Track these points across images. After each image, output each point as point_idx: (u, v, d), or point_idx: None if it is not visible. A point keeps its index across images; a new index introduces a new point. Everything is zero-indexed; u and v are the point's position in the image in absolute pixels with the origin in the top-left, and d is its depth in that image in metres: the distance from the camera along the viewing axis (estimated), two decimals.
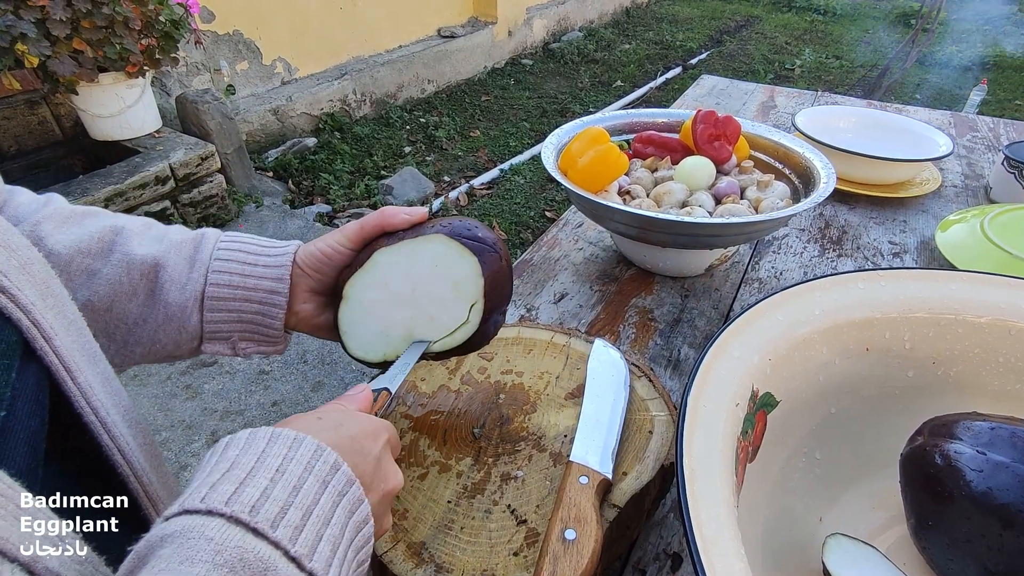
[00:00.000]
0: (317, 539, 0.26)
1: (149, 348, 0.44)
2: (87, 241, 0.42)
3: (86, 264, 0.41)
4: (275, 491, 0.26)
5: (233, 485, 0.26)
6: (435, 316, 0.44)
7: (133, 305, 0.42)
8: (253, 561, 0.23)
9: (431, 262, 0.43)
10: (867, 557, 0.43)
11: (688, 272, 0.79)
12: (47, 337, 0.31)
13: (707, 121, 0.80)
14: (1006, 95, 4.30)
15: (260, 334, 0.46)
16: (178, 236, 0.45)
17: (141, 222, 0.45)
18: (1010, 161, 0.95)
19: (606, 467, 0.43)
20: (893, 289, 0.53)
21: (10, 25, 1.69)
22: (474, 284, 0.43)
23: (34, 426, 0.30)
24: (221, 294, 0.43)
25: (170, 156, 2.18)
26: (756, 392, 0.46)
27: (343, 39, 3.53)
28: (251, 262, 0.44)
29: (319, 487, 0.28)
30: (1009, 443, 0.41)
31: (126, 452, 0.35)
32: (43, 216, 0.42)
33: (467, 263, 0.43)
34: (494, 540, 0.41)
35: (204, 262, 0.44)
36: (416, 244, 0.43)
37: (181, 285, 0.43)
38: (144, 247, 0.43)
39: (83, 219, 0.43)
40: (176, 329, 0.43)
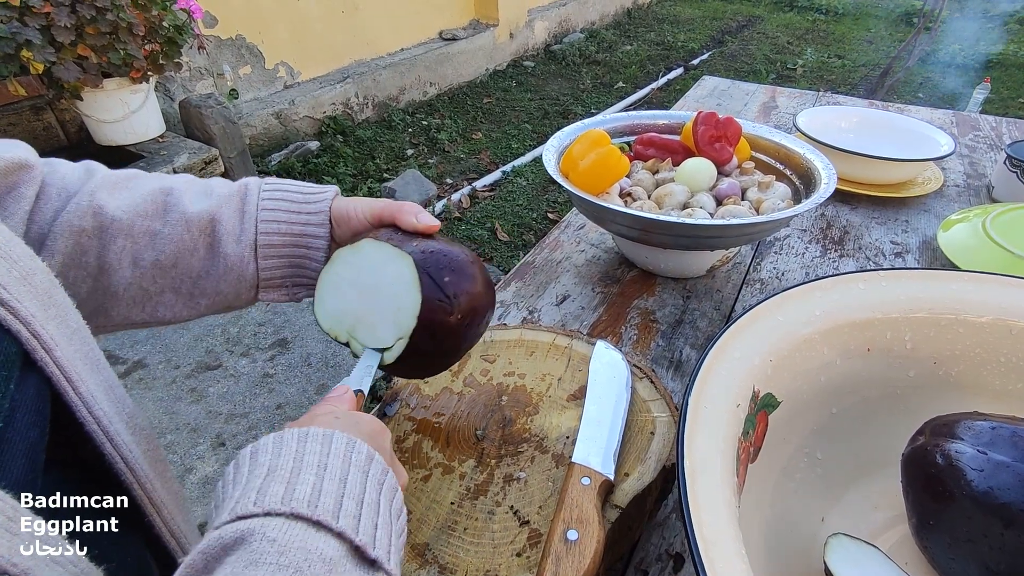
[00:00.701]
0: (374, 527, 0.26)
1: (213, 299, 0.46)
2: (143, 204, 0.44)
3: (147, 226, 0.43)
4: (325, 485, 0.26)
5: (283, 485, 0.25)
6: (374, 326, 0.43)
7: (195, 260, 0.44)
8: (316, 560, 0.23)
9: (394, 277, 0.42)
10: (869, 557, 0.44)
11: (690, 273, 0.80)
12: (47, 348, 0.31)
13: (708, 123, 0.80)
14: (1009, 93, 4.29)
15: (303, 275, 0.48)
16: (224, 189, 0.47)
17: (183, 179, 0.47)
18: (1012, 160, 0.95)
19: (608, 468, 0.44)
20: (894, 289, 0.53)
21: (15, 32, 1.71)
22: (408, 319, 0.41)
23: (33, 437, 0.30)
24: (271, 242, 0.46)
25: (174, 160, 2.19)
26: (757, 393, 0.46)
27: (345, 43, 3.54)
28: (295, 210, 0.47)
29: (362, 477, 0.28)
30: (1010, 442, 0.41)
31: (129, 460, 0.35)
32: (96, 185, 0.44)
33: (412, 297, 0.41)
34: (497, 541, 0.41)
35: (252, 213, 0.46)
36: (393, 253, 0.42)
37: (236, 237, 0.45)
38: (196, 203, 0.45)
39: (129, 182, 0.45)
40: (236, 279, 0.46)
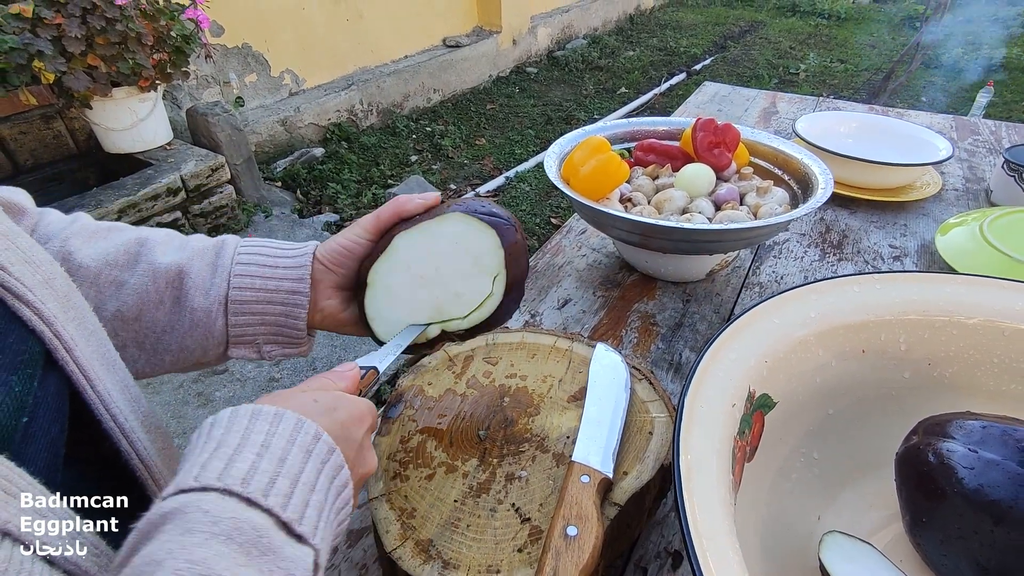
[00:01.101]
0: (304, 505, 0.28)
1: (178, 355, 0.45)
2: (114, 253, 0.43)
3: (114, 276, 0.43)
4: (262, 464, 0.28)
5: (223, 462, 0.27)
6: (460, 292, 0.46)
7: (160, 313, 0.44)
8: (247, 529, 0.25)
9: (451, 240, 0.45)
10: (863, 553, 0.44)
11: (689, 277, 0.81)
12: (68, 348, 0.33)
13: (706, 129, 0.81)
14: (1013, 97, 4.29)
15: (284, 336, 0.46)
16: (199, 244, 0.46)
17: (163, 233, 0.47)
18: (1010, 164, 0.95)
19: (607, 467, 0.45)
20: (888, 292, 0.54)
21: (27, 43, 1.74)
22: (495, 256, 0.45)
23: (54, 432, 0.31)
24: (244, 297, 0.45)
25: (181, 168, 2.22)
26: (753, 393, 0.47)
27: (349, 50, 3.58)
28: (271, 264, 0.46)
29: (303, 457, 0.29)
30: (1000, 441, 0.42)
31: (144, 456, 0.37)
32: (71, 232, 0.44)
33: (486, 237, 0.44)
34: (499, 537, 0.42)
35: (226, 267, 0.45)
36: (434, 224, 0.45)
37: (205, 291, 0.44)
38: (168, 256, 0.44)
39: (109, 233, 0.45)
40: (203, 335, 0.44)
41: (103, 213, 1.97)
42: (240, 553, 0.24)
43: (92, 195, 2.03)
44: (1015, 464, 0.40)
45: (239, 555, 0.24)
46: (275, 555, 0.25)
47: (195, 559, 0.23)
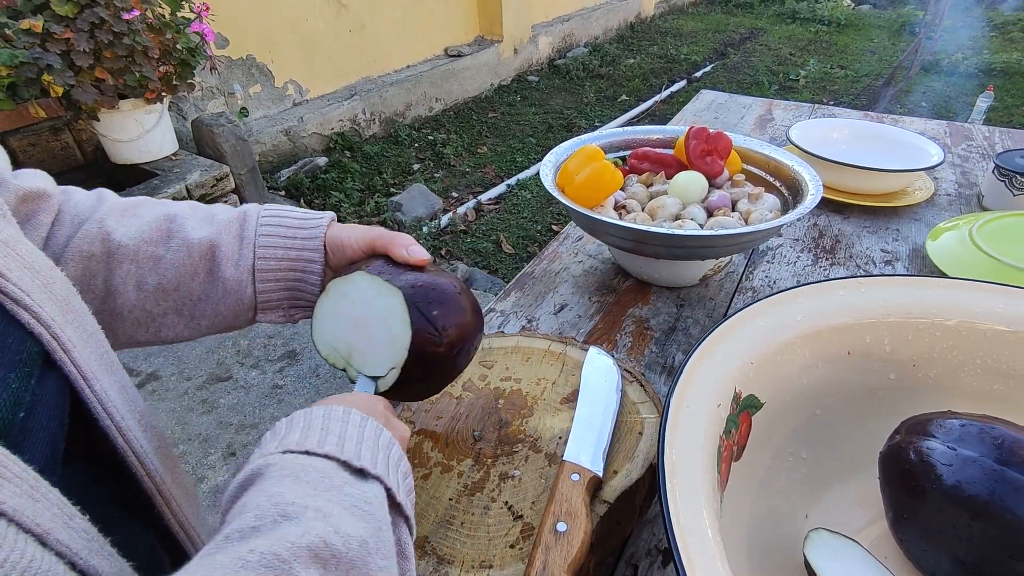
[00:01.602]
0: (358, 448, 0.33)
1: (213, 320, 0.49)
2: (148, 231, 0.47)
3: (151, 251, 0.46)
4: (329, 437, 0.33)
5: (297, 434, 0.33)
6: (369, 354, 0.45)
7: (196, 283, 0.47)
8: (312, 471, 0.30)
9: (386, 310, 0.44)
10: (848, 550, 0.46)
11: (683, 282, 0.82)
12: (66, 349, 0.35)
13: (699, 137, 0.83)
14: (1013, 101, 4.30)
15: (301, 299, 0.50)
16: (224, 216, 0.50)
17: (188, 206, 0.50)
18: (1000, 170, 0.97)
19: (597, 465, 0.46)
20: (872, 295, 0.55)
21: (37, 57, 1.78)
22: (400, 351, 0.43)
23: (52, 428, 0.33)
24: (268, 266, 0.48)
25: (186, 178, 2.25)
26: (739, 394, 0.49)
27: (352, 60, 3.62)
28: (291, 235, 0.49)
29: (359, 427, 0.35)
30: (978, 439, 0.43)
31: (140, 455, 0.38)
32: (104, 212, 0.47)
33: (403, 330, 0.43)
34: (492, 534, 0.44)
35: (251, 238, 0.48)
36: (384, 288, 0.44)
37: (235, 262, 0.47)
38: (198, 230, 0.48)
39: (136, 209, 0.48)
40: (235, 301, 0.48)
41: None
42: (308, 486, 0.28)
43: None
44: (991, 461, 0.41)
45: (307, 487, 0.28)
46: (339, 491, 0.29)
47: (271, 493, 0.27)
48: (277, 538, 0.25)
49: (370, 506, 0.30)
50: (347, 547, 0.26)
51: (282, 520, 0.26)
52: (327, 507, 0.27)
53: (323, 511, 0.27)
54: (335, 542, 0.26)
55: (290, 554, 0.24)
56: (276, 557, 0.24)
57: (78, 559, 0.28)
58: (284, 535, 0.25)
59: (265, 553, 0.24)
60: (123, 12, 1.91)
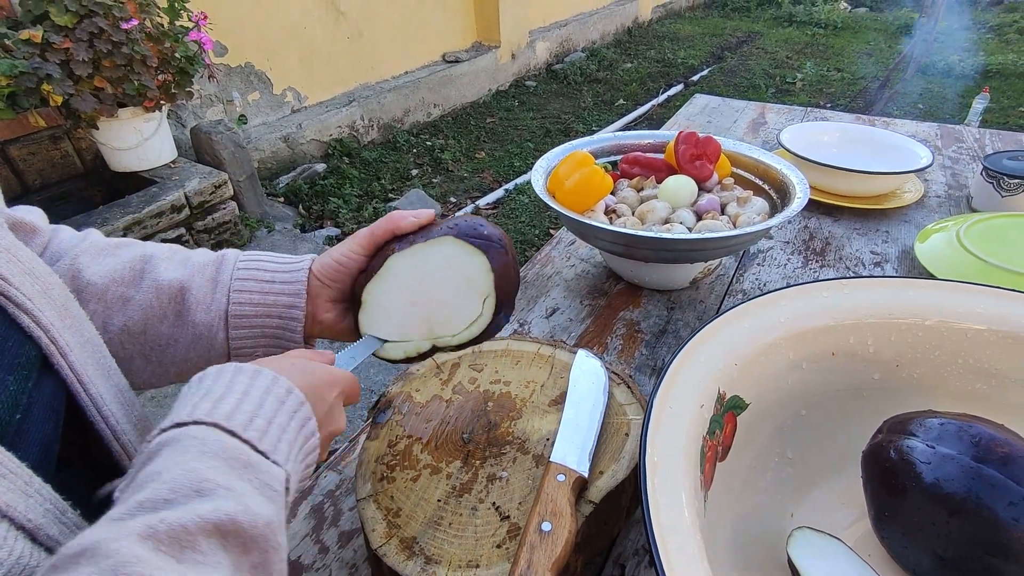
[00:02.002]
0: (277, 440, 0.33)
1: (182, 367, 0.47)
2: (120, 270, 0.46)
3: (120, 292, 0.45)
4: (243, 406, 0.33)
5: (211, 403, 0.32)
6: (451, 313, 0.48)
7: (164, 327, 0.46)
8: (231, 449, 0.30)
9: (443, 263, 0.47)
10: (830, 548, 0.46)
11: (673, 285, 0.83)
12: (63, 352, 0.36)
13: (688, 142, 0.84)
14: (1010, 102, 4.31)
15: (283, 348, 0.48)
16: (201, 259, 0.48)
17: (167, 248, 0.49)
18: (988, 171, 0.98)
19: (583, 466, 0.47)
20: (855, 297, 0.56)
21: (37, 67, 1.79)
22: (485, 279, 0.47)
23: (48, 430, 0.34)
24: (243, 312, 0.46)
25: (185, 185, 2.26)
26: (723, 395, 0.49)
27: (350, 67, 3.64)
28: (269, 279, 0.47)
29: (277, 405, 0.34)
30: (956, 437, 0.44)
31: (134, 457, 0.39)
32: (81, 249, 0.46)
33: (477, 261, 0.47)
34: (479, 534, 0.44)
35: (225, 283, 0.47)
36: (427, 247, 0.47)
37: (206, 306, 0.46)
38: (171, 272, 0.46)
39: (117, 250, 0.47)
40: (205, 347, 0.46)
41: (109, 231, 2.02)
42: (226, 465, 0.29)
43: (98, 213, 2.08)
44: (968, 459, 0.42)
45: (225, 466, 0.29)
46: (254, 468, 0.30)
47: (188, 468, 0.28)
48: (187, 511, 0.26)
49: (274, 491, 0.31)
50: (253, 525, 0.28)
51: (195, 496, 0.27)
52: (239, 487, 0.29)
53: (235, 491, 0.29)
54: (242, 520, 0.28)
55: (196, 528, 0.26)
56: (183, 529, 0.26)
57: None
58: (195, 509, 0.27)
59: (173, 524, 0.26)
60: (122, 22, 1.93)
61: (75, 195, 2.41)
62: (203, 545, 0.26)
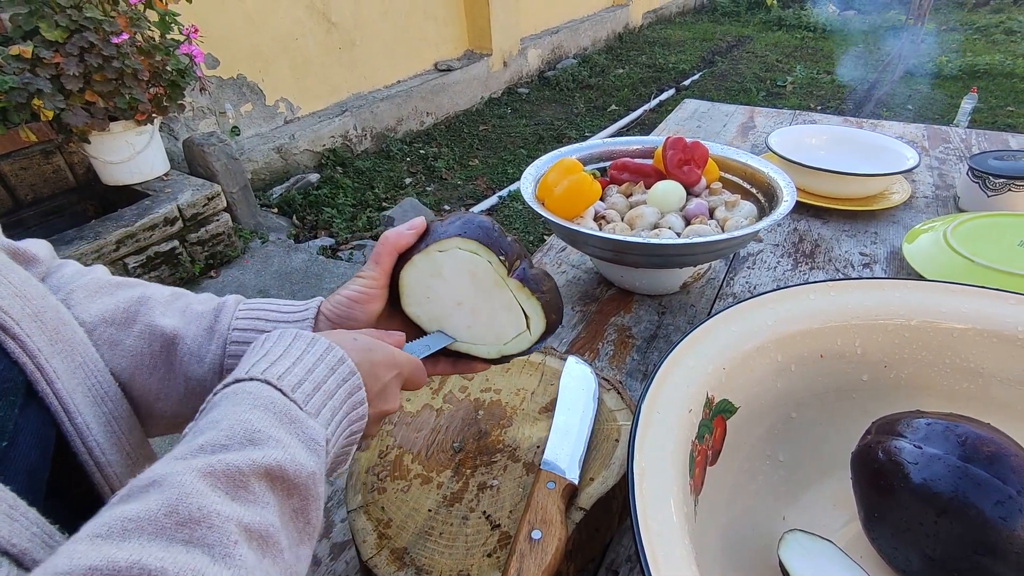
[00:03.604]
0: (321, 405, 0.35)
1: (172, 422, 0.44)
2: (112, 311, 0.42)
3: (109, 334, 0.42)
4: (295, 369, 0.35)
5: (267, 363, 0.34)
6: (494, 320, 0.47)
7: (154, 380, 0.42)
8: (279, 405, 0.32)
9: (466, 263, 0.46)
10: (821, 550, 0.46)
11: (664, 290, 0.83)
12: (49, 380, 0.35)
13: (676, 147, 0.85)
14: (997, 102, 4.35)
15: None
16: (199, 307, 0.44)
17: (169, 292, 0.46)
18: (974, 171, 0.99)
19: (572, 473, 0.47)
20: (842, 299, 0.57)
21: (27, 82, 1.79)
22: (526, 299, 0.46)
23: (34, 458, 0.33)
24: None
25: (178, 198, 2.26)
26: (712, 399, 0.50)
27: (343, 77, 3.65)
28: (270, 330, 0.41)
29: (327, 372, 0.36)
30: (943, 437, 0.44)
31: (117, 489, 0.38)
32: (77, 285, 0.43)
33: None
34: (470, 544, 0.44)
35: (223, 333, 0.43)
36: (469, 255, 0.45)
37: (200, 358, 0.42)
38: (167, 317, 0.43)
39: (116, 289, 0.44)
40: (197, 404, 0.40)
41: (102, 244, 2.01)
42: (274, 417, 0.32)
43: (91, 227, 2.07)
44: (955, 458, 0.42)
45: (272, 418, 0.32)
46: (300, 424, 0.33)
47: (242, 419, 0.31)
48: (242, 455, 0.29)
49: (318, 445, 0.33)
50: (297, 474, 0.31)
51: (248, 443, 0.30)
52: (286, 439, 0.31)
53: (282, 442, 0.31)
54: (288, 468, 0.30)
55: (249, 470, 0.29)
56: (238, 470, 0.28)
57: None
58: (248, 455, 0.29)
59: (229, 465, 0.28)
60: (112, 36, 1.93)
61: (67, 209, 2.40)
62: (255, 486, 0.29)
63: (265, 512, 0.29)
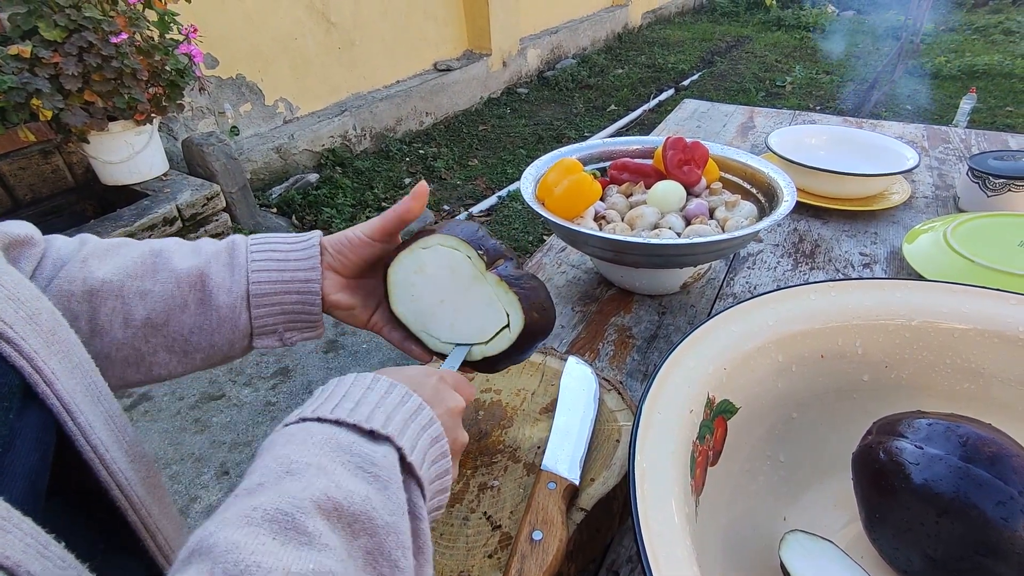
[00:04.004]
0: (385, 418, 0.34)
1: (208, 352, 0.48)
2: (132, 266, 0.46)
3: (137, 286, 0.45)
4: (359, 408, 0.34)
5: (331, 403, 0.34)
6: (478, 318, 0.48)
7: (187, 316, 0.46)
8: (320, 432, 0.32)
9: (451, 261, 0.48)
10: (822, 551, 0.46)
11: (664, 290, 0.83)
12: (49, 382, 0.35)
13: (676, 147, 0.85)
14: (996, 102, 4.35)
15: (303, 321, 0.50)
16: (211, 247, 0.49)
17: (172, 241, 0.50)
18: (974, 171, 0.99)
19: (573, 474, 0.47)
20: (843, 299, 0.57)
21: (26, 82, 1.79)
22: (517, 319, 0.47)
23: (33, 462, 0.33)
24: (263, 291, 0.48)
25: (177, 198, 2.26)
26: (713, 399, 0.50)
27: (342, 77, 3.65)
28: (283, 257, 0.49)
29: (407, 417, 0.35)
30: (944, 437, 0.44)
31: (124, 487, 0.38)
32: (87, 253, 0.46)
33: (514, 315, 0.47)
34: (471, 544, 0.44)
35: (242, 265, 0.48)
36: (450, 250, 0.48)
37: (227, 289, 0.47)
38: (185, 261, 0.47)
39: (119, 249, 0.48)
40: (229, 330, 0.48)
41: None
42: (314, 447, 0.31)
43: (90, 227, 2.07)
44: (956, 458, 0.42)
45: (312, 448, 0.31)
46: (348, 448, 0.31)
47: (277, 455, 0.30)
48: (279, 493, 0.27)
49: (375, 466, 0.31)
50: (349, 501, 0.28)
51: (285, 476, 0.28)
52: (328, 465, 0.30)
53: (324, 468, 0.29)
54: (336, 495, 0.28)
55: (292, 507, 0.26)
56: (279, 511, 0.26)
57: None
58: (286, 490, 0.27)
59: (268, 509, 0.26)
60: (111, 36, 1.93)
61: (66, 209, 2.40)
62: (307, 525, 0.26)
63: (323, 557, 0.25)
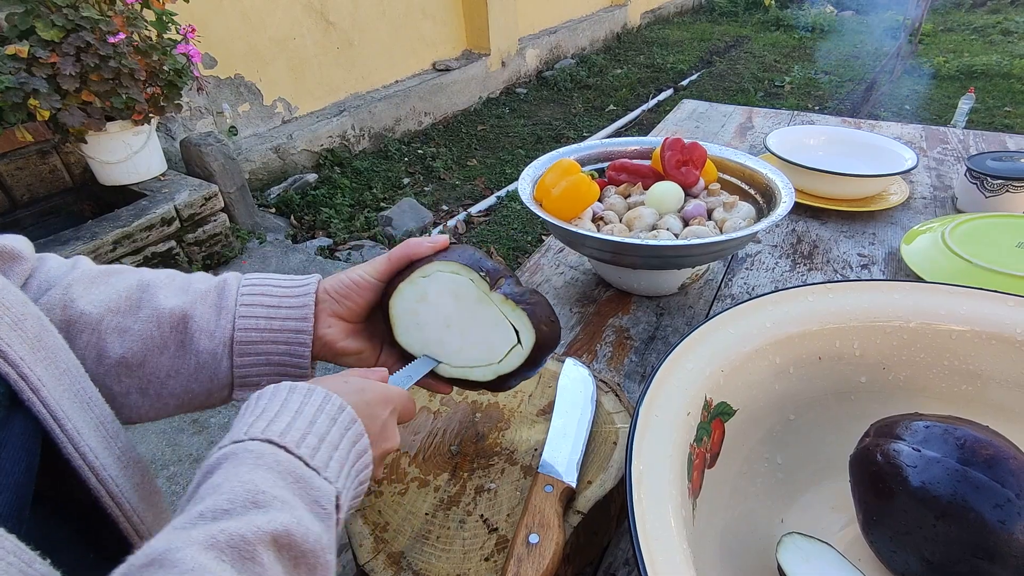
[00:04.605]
0: (328, 458, 0.34)
1: (182, 399, 0.45)
2: (115, 300, 0.43)
3: (116, 322, 0.43)
4: (296, 423, 0.34)
5: (266, 421, 0.33)
6: (485, 341, 0.47)
7: (165, 358, 0.43)
8: (284, 463, 0.31)
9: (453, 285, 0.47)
10: (820, 553, 0.46)
11: (662, 291, 0.83)
12: (35, 389, 0.34)
13: (674, 148, 0.85)
14: (995, 102, 4.35)
15: (288, 374, 0.46)
16: (202, 285, 0.46)
17: (165, 275, 0.47)
18: (972, 172, 0.99)
19: (570, 476, 0.47)
20: (840, 300, 0.56)
21: (23, 82, 1.79)
22: (528, 336, 0.46)
23: (18, 472, 0.33)
24: (249, 338, 0.45)
25: (175, 198, 2.26)
26: (710, 402, 0.49)
27: (341, 77, 3.65)
28: (275, 304, 0.46)
29: (329, 422, 0.35)
30: (941, 439, 0.44)
31: (115, 494, 0.38)
32: (72, 279, 0.44)
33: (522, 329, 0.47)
34: (467, 547, 0.44)
35: (230, 309, 0.45)
36: (451, 274, 0.47)
37: (210, 333, 0.44)
38: (171, 299, 0.44)
39: (109, 278, 0.45)
40: (208, 377, 0.44)
41: (98, 244, 2.01)
42: (279, 478, 0.31)
43: (87, 227, 2.07)
44: (954, 461, 0.42)
45: (278, 479, 0.31)
46: (306, 483, 0.32)
47: (244, 480, 0.29)
48: (246, 522, 0.28)
49: (325, 509, 0.32)
50: (305, 539, 0.29)
51: (252, 507, 0.28)
52: (292, 500, 0.30)
53: (289, 503, 0.30)
54: (296, 532, 0.29)
55: (255, 537, 0.27)
56: (242, 539, 0.27)
57: None
58: (252, 520, 0.28)
59: (233, 535, 0.27)
60: (109, 36, 1.92)
61: (64, 209, 2.39)
62: (263, 556, 0.27)
63: None
